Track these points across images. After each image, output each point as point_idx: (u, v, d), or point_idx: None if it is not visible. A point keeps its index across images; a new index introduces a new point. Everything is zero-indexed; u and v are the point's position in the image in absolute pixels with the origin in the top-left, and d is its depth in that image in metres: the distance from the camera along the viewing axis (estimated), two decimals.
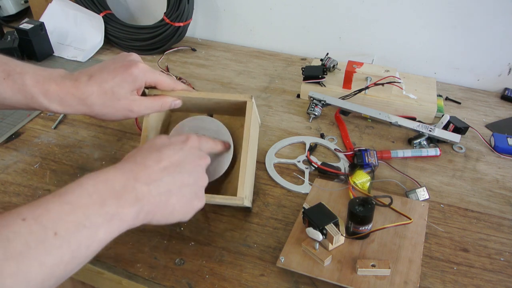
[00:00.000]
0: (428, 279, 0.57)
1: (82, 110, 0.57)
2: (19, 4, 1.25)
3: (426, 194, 0.68)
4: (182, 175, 0.49)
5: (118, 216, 0.43)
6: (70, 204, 0.40)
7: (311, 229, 0.56)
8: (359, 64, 0.89)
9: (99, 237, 0.41)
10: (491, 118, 0.90)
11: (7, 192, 0.70)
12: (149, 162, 0.48)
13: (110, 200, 0.43)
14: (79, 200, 0.41)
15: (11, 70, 0.56)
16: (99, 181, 0.43)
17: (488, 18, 0.91)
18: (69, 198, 0.41)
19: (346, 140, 0.81)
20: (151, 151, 0.50)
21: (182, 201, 0.49)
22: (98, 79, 0.56)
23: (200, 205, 0.52)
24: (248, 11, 1.12)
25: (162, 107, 0.61)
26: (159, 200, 0.47)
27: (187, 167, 0.50)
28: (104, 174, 0.45)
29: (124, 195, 0.44)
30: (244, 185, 0.57)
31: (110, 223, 0.42)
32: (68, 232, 0.39)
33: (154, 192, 0.46)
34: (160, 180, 0.47)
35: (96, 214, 0.41)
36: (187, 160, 0.51)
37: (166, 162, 0.49)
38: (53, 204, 0.40)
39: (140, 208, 0.45)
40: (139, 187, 0.45)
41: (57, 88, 0.56)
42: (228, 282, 0.57)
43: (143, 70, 0.59)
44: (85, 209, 0.41)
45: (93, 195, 0.42)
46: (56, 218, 0.39)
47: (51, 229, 0.38)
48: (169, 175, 0.48)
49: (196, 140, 0.54)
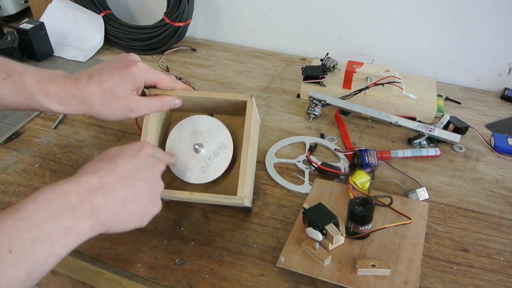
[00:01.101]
0: (428, 279, 0.57)
1: (82, 109, 0.57)
2: (19, 4, 1.25)
3: (426, 194, 0.68)
4: (137, 183, 0.50)
5: (74, 230, 0.42)
6: (24, 221, 0.40)
7: (311, 229, 0.56)
8: (359, 64, 0.89)
9: (55, 251, 0.41)
10: (491, 118, 0.90)
11: (7, 192, 0.70)
12: (104, 173, 0.48)
13: (65, 214, 0.42)
14: (34, 216, 0.40)
15: (11, 70, 0.56)
16: (54, 195, 0.43)
17: (488, 18, 0.91)
18: (23, 214, 0.40)
19: (346, 140, 0.81)
20: (105, 161, 0.50)
21: (138, 209, 0.50)
22: (97, 79, 0.57)
23: (156, 211, 0.53)
24: (248, 11, 1.12)
25: (162, 107, 0.61)
26: (115, 210, 0.47)
27: (142, 175, 0.51)
28: (59, 187, 0.44)
29: (80, 208, 0.43)
30: (244, 185, 0.57)
31: (66, 237, 0.42)
32: (23, 249, 0.38)
33: (110, 203, 0.46)
34: (115, 190, 0.47)
35: (52, 229, 0.41)
36: (142, 168, 0.51)
37: (120, 171, 0.49)
38: (6, 222, 0.39)
39: (96, 219, 0.45)
40: (95, 199, 0.45)
41: (57, 87, 0.56)
42: (228, 282, 0.57)
43: (142, 70, 0.59)
44: (40, 224, 0.40)
45: (47, 209, 0.41)
46: (11, 235, 0.38)
47: (6, 247, 0.37)
48: (124, 184, 0.48)
49: (150, 147, 0.54)
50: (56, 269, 0.67)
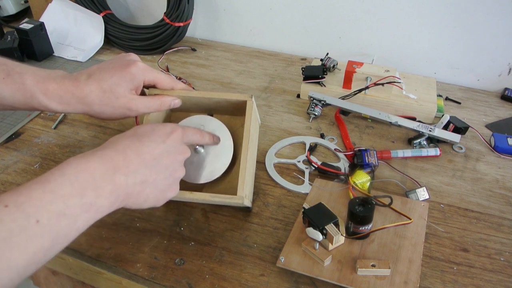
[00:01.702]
0: (428, 279, 0.57)
1: (81, 108, 0.57)
2: (19, 4, 1.25)
3: (426, 194, 0.68)
4: (159, 168, 0.51)
5: (95, 206, 0.44)
6: (51, 193, 0.41)
7: (311, 229, 0.56)
8: (359, 64, 0.89)
9: (77, 226, 0.43)
10: (491, 118, 0.90)
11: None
12: (129, 153, 0.48)
13: (89, 191, 0.44)
14: (61, 189, 0.42)
15: (11, 70, 0.56)
16: (80, 170, 0.44)
17: (488, 18, 0.91)
18: (51, 186, 0.42)
19: (346, 140, 0.81)
20: (133, 140, 0.50)
21: (155, 192, 0.51)
22: (97, 78, 0.57)
23: (172, 195, 0.54)
24: (248, 11, 1.12)
25: (161, 107, 0.61)
26: (134, 190, 0.48)
27: (165, 161, 0.51)
28: (86, 161, 0.45)
29: (102, 185, 0.45)
30: (244, 184, 0.57)
31: (88, 213, 0.44)
32: (49, 221, 0.40)
33: (130, 183, 0.48)
34: (137, 172, 0.48)
35: (76, 204, 0.42)
36: (167, 154, 0.52)
37: (145, 154, 0.50)
38: (35, 192, 0.41)
39: (116, 197, 0.46)
40: (117, 178, 0.46)
41: (56, 87, 0.56)
42: (228, 282, 0.57)
43: (141, 69, 0.59)
44: (66, 198, 0.42)
45: (74, 184, 0.43)
46: (39, 206, 0.40)
47: (33, 217, 0.39)
48: (146, 167, 0.49)
49: (180, 133, 0.54)
50: (56, 269, 0.67)
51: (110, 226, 0.64)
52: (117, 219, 0.65)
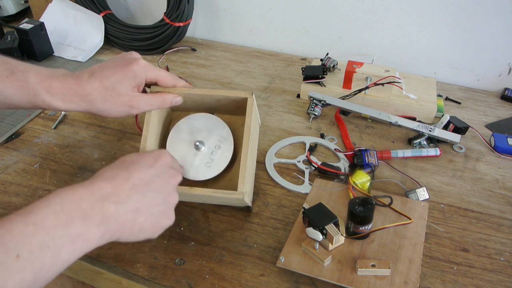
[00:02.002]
0: (428, 279, 0.57)
1: (83, 106, 0.58)
2: (19, 4, 1.25)
3: (426, 194, 0.68)
4: (151, 194, 0.49)
5: (82, 237, 0.42)
6: (34, 225, 0.39)
7: (311, 229, 0.56)
8: (359, 64, 0.89)
9: (63, 258, 0.41)
10: (491, 118, 0.90)
11: (7, 192, 0.70)
12: (118, 180, 0.47)
13: (76, 221, 0.42)
14: (45, 220, 0.40)
15: (14, 68, 0.56)
16: (66, 200, 0.43)
17: (488, 18, 0.91)
18: (34, 218, 0.40)
19: (346, 140, 0.81)
20: (121, 168, 0.49)
21: (150, 220, 0.49)
22: (99, 76, 0.57)
23: (168, 223, 0.52)
24: (248, 11, 1.12)
25: (163, 104, 0.61)
26: (126, 219, 0.46)
27: (157, 186, 0.50)
28: (72, 192, 0.44)
29: (91, 215, 0.43)
30: (244, 181, 0.57)
31: (74, 244, 0.42)
32: (31, 253, 0.38)
33: (122, 211, 0.46)
34: (128, 199, 0.46)
35: (61, 235, 0.40)
36: (157, 178, 0.50)
37: (135, 179, 0.48)
38: (17, 225, 0.39)
39: (106, 228, 0.44)
40: (107, 207, 0.44)
41: (59, 85, 0.56)
42: (228, 282, 0.57)
43: (143, 67, 0.59)
44: (50, 229, 0.40)
45: (59, 214, 0.41)
46: (19, 239, 0.38)
47: (13, 251, 0.37)
48: (137, 193, 0.48)
49: (168, 157, 0.54)
50: None
51: None
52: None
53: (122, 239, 0.47)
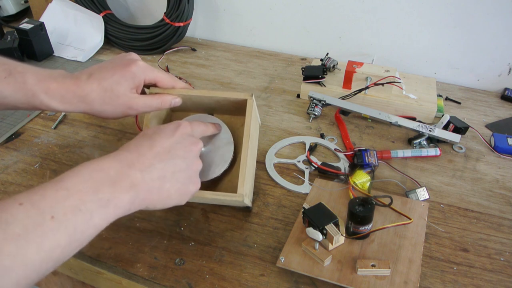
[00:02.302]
0: (428, 279, 0.57)
1: (82, 107, 0.58)
2: (19, 4, 1.25)
3: (426, 194, 0.68)
4: (175, 161, 0.51)
5: (112, 202, 0.44)
6: (66, 190, 0.42)
7: (311, 229, 0.56)
8: (359, 64, 0.89)
9: (94, 222, 0.43)
10: (491, 118, 0.90)
11: (7, 192, 0.70)
12: (142, 149, 0.49)
13: (104, 187, 0.44)
14: (75, 186, 0.42)
15: (12, 69, 0.56)
16: (93, 169, 0.45)
17: (488, 18, 0.91)
18: (65, 184, 0.42)
19: (346, 140, 0.81)
20: (144, 139, 0.51)
21: (176, 186, 0.51)
22: (97, 77, 0.57)
23: (195, 189, 0.54)
24: (248, 11, 1.12)
25: (162, 105, 0.61)
26: (153, 186, 0.48)
27: (179, 153, 0.51)
28: (99, 162, 0.46)
29: (119, 182, 0.45)
30: (244, 183, 0.57)
31: (105, 209, 0.43)
32: (64, 216, 0.40)
33: (148, 178, 0.47)
34: (153, 166, 0.48)
35: (91, 200, 0.42)
36: (179, 146, 0.52)
37: (158, 148, 0.50)
38: (50, 190, 0.41)
39: (135, 194, 0.46)
40: (133, 174, 0.46)
41: (58, 86, 0.56)
42: (228, 282, 0.57)
43: (142, 68, 0.59)
44: (81, 195, 0.42)
45: (88, 182, 0.43)
46: (53, 202, 0.40)
47: (48, 213, 0.39)
48: (161, 161, 0.49)
49: (188, 126, 0.55)
50: (56, 269, 0.67)
51: (110, 226, 0.63)
52: (117, 219, 0.65)
53: (151, 206, 0.49)
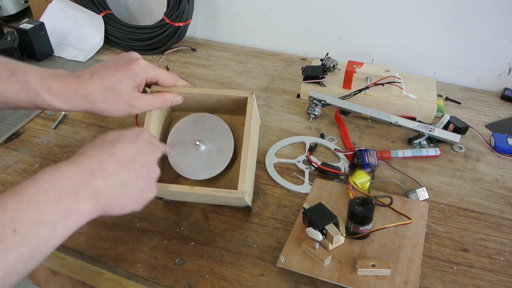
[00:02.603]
0: (428, 279, 0.57)
1: (84, 106, 0.58)
2: (19, 4, 1.25)
3: (426, 194, 0.68)
4: (136, 168, 0.51)
5: (75, 211, 0.43)
6: (26, 202, 0.41)
7: (311, 229, 0.56)
8: (359, 64, 0.89)
9: (58, 233, 0.42)
10: (491, 118, 0.90)
11: None
12: (104, 157, 0.49)
13: (67, 196, 0.43)
14: (36, 197, 0.41)
15: (14, 69, 0.57)
16: (55, 177, 0.44)
17: (488, 18, 0.91)
18: (25, 195, 0.41)
19: (346, 140, 0.81)
20: (105, 145, 0.51)
21: (136, 193, 0.51)
22: (99, 76, 0.57)
23: (152, 196, 0.54)
24: (248, 11, 1.12)
25: (164, 103, 0.62)
26: (115, 193, 0.48)
27: (140, 160, 0.52)
28: (60, 169, 0.45)
29: (81, 190, 0.45)
30: (244, 180, 0.57)
31: (68, 219, 0.43)
32: (27, 229, 0.39)
33: (110, 186, 0.48)
34: (115, 174, 0.48)
35: (53, 211, 0.42)
36: (140, 153, 0.52)
37: (120, 155, 0.50)
38: (10, 202, 0.40)
39: (97, 202, 0.46)
40: (95, 182, 0.46)
41: (60, 85, 0.56)
42: (228, 282, 0.57)
43: (143, 67, 0.60)
44: (42, 205, 0.41)
45: (49, 191, 0.42)
46: (14, 216, 0.39)
47: (10, 227, 0.38)
48: (123, 168, 0.50)
49: (148, 134, 0.56)
50: (56, 269, 0.67)
51: (110, 226, 0.64)
52: (117, 219, 0.65)
53: (110, 212, 0.49)
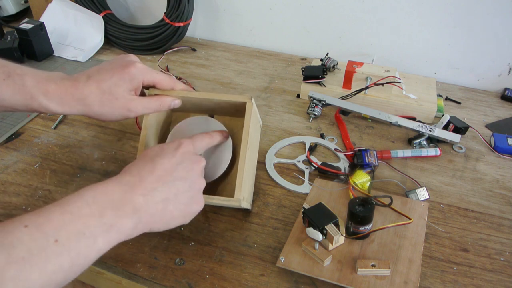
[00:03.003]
0: (428, 279, 0.57)
1: (81, 110, 0.57)
2: (19, 4, 1.25)
3: (426, 194, 0.68)
4: (177, 183, 0.50)
5: (116, 227, 0.44)
6: (70, 214, 0.42)
7: (311, 229, 0.56)
8: (359, 64, 0.89)
9: (98, 247, 0.43)
10: (491, 118, 0.90)
11: (7, 192, 0.70)
12: (144, 173, 0.49)
13: (108, 211, 0.44)
14: (79, 211, 0.43)
15: (11, 71, 0.56)
16: (98, 192, 0.45)
17: (488, 18, 0.91)
18: (69, 208, 0.42)
19: (346, 140, 0.81)
20: (146, 161, 0.51)
21: (180, 208, 0.51)
22: (96, 79, 0.57)
23: (198, 208, 0.53)
24: (248, 11, 1.12)
25: (161, 107, 0.61)
26: (156, 210, 0.48)
27: (181, 174, 0.51)
28: (103, 186, 0.46)
29: (122, 206, 0.45)
30: (241, 187, 0.57)
31: (109, 233, 0.44)
32: (68, 240, 0.40)
33: (151, 202, 0.48)
34: (155, 190, 0.48)
35: (95, 224, 0.43)
36: (180, 167, 0.51)
37: (159, 171, 0.50)
38: (55, 213, 0.41)
39: (138, 219, 0.46)
40: (136, 199, 0.47)
41: (56, 88, 0.56)
42: (228, 282, 0.57)
43: (140, 70, 0.59)
44: (85, 219, 0.42)
45: (92, 205, 0.44)
46: (57, 226, 0.41)
47: (52, 237, 0.40)
48: (163, 184, 0.49)
49: (189, 144, 0.54)
50: None
51: None
52: None
53: (155, 229, 0.49)
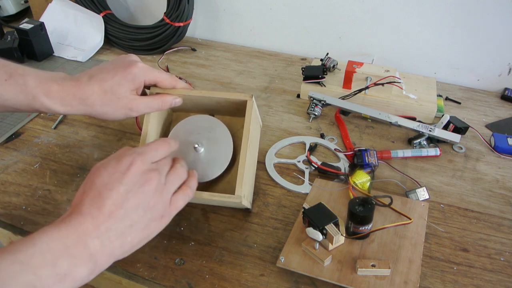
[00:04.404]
0: (428, 279, 0.57)
1: (83, 110, 0.58)
2: (19, 4, 1.25)
3: (426, 194, 0.68)
4: (130, 213, 0.47)
5: (70, 276, 0.42)
6: (21, 264, 0.39)
7: (311, 229, 0.56)
8: (359, 64, 0.89)
9: None
10: (491, 118, 0.90)
11: (7, 192, 0.70)
12: (94, 212, 0.45)
13: (62, 260, 0.41)
14: (31, 259, 0.40)
15: (13, 71, 0.56)
16: (51, 238, 0.42)
17: (488, 18, 0.91)
18: (21, 256, 0.39)
19: (346, 140, 0.81)
20: (94, 196, 0.46)
21: (138, 235, 0.48)
22: (98, 79, 0.57)
23: (161, 226, 0.50)
24: (248, 11, 1.12)
25: (163, 106, 0.61)
26: (113, 247, 0.46)
27: (132, 203, 0.47)
28: (56, 230, 0.43)
29: (77, 253, 0.42)
30: (242, 184, 0.57)
31: (62, 284, 0.41)
32: None
33: (107, 243, 0.45)
34: (109, 230, 0.45)
35: (48, 275, 0.40)
36: (130, 194, 0.47)
37: (109, 206, 0.45)
38: (4, 262, 0.39)
39: (94, 264, 0.44)
40: (91, 243, 0.44)
41: (58, 88, 0.56)
42: (228, 282, 0.57)
43: (142, 69, 0.59)
44: (37, 269, 0.39)
45: (46, 254, 0.41)
46: (6, 277, 0.38)
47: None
48: (116, 220, 0.46)
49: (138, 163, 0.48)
50: None
51: None
52: None
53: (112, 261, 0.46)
